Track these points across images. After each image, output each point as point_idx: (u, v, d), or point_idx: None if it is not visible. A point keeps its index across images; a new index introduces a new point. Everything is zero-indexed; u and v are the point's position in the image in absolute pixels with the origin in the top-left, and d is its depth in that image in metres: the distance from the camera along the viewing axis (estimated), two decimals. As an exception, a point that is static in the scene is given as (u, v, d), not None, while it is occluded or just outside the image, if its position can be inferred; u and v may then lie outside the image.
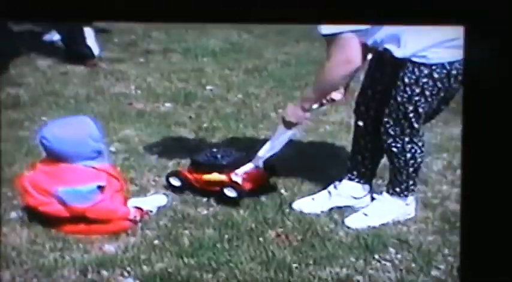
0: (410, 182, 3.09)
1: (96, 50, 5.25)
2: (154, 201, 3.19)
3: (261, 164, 3.29)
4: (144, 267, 2.74)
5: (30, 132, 3.82)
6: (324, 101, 3.12)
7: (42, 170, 2.98)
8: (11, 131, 3.91)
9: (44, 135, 2.96)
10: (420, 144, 3.04)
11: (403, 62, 2.89)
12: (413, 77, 2.90)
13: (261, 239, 2.97)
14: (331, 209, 3.19)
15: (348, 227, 3.06)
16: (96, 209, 2.91)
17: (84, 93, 4.62)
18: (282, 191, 3.35)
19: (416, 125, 2.98)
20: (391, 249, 2.92)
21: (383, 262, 2.84)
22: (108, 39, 5.76)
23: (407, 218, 3.12)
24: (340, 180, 3.24)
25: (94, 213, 2.91)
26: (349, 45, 2.81)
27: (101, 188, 2.95)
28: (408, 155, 3.03)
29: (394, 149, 3.01)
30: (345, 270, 2.77)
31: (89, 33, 5.21)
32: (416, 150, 3.03)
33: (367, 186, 3.23)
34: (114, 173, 3.06)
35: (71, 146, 2.93)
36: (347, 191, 3.21)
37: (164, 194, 3.27)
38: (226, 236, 2.98)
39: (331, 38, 2.83)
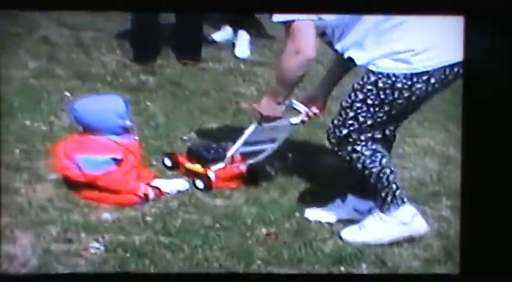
0: (383, 194, 2.95)
1: (245, 54, 5.38)
2: (175, 184, 3.39)
3: (228, 161, 3.47)
4: (121, 237, 2.95)
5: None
6: (304, 117, 3.21)
7: (74, 139, 3.32)
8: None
9: (74, 107, 3.30)
10: (367, 153, 2.91)
11: (359, 70, 2.88)
12: (361, 82, 2.87)
13: (248, 233, 3.07)
14: (340, 220, 3.19)
15: (341, 239, 3.03)
16: (107, 178, 3.18)
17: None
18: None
19: (354, 135, 2.90)
20: (364, 265, 2.88)
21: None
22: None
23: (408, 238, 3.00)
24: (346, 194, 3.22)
25: (104, 182, 3.18)
26: (300, 34, 2.78)
27: (116, 161, 3.21)
28: (359, 166, 2.93)
29: (342, 154, 2.96)
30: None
31: (243, 36, 5.43)
32: (364, 160, 2.92)
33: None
34: (133, 149, 3.29)
35: (96, 119, 3.24)
36: (352, 204, 3.19)
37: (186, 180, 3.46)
38: (218, 225, 3.11)
39: (286, 26, 2.82)
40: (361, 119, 2.88)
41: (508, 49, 2.18)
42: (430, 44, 2.78)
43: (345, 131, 2.91)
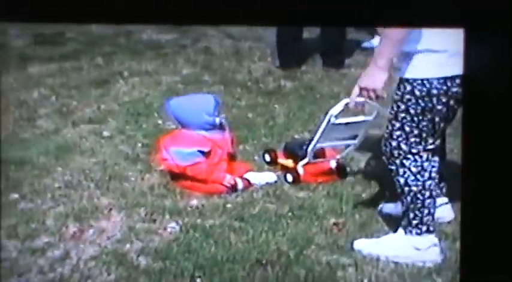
0: (411, 215, 2.94)
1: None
2: (264, 176, 3.70)
3: (311, 157, 3.64)
4: (198, 220, 3.32)
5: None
6: (369, 95, 2.95)
7: (172, 133, 3.76)
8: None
9: (169, 103, 3.74)
10: (414, 170, 2.91)
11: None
12: (399, 93, 2.88)
13: (316, 223, 3.31)
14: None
15: (353, 249, 3.07)
16: (194, 169, 3.57)
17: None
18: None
19: (404, 147, 2.90)
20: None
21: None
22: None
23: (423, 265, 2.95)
24: None
25: (192, 172, 3.57)
26: None
27: (204, 153, 3.59)
28: (401, 180, 2.93)
29: (391, 168, 2.96)
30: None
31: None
32: (408, 176, 2.91)
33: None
34: (222, 144, 3.65)
35: (186, 116, 3.66)
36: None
37: (275, 173, 3.75)
38: (290, 214, 3.38)
39: None
40: (408, 129, 2.89)
41: (508, 61, 2.22)
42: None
43: (394, 143, 2.92)
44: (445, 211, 3.24)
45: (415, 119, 2.87)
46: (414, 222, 2.97)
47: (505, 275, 2.20)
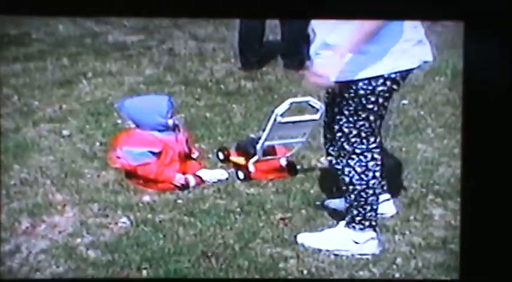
0: (354, 212, 3.06)
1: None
2: (215, 173, 3.81)
3: (260, 155, 3.77)
4: (149, 216, 3.42)
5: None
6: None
7: (128, 132, 3.86)
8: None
9: (123, 103, 3.84)
10: (359, 170, 3.01)
11: None
12: (329, 96, 3.02)
13: (263, 217, 3.42)
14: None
15: (296, 243, 3.18)
16: (143, 169, 3.66)
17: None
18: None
19: (347, 147, 3.00)
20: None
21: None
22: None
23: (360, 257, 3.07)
24: None
25: (142, 172, 3.67)
26: None
27: (155, 153, 3.69)
28: (346, 179, 3.04)
29: (337, 167, 3.09)
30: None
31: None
32: (353, 175, 3.03)
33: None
34: (173, 145, 3.74)
35: (139, 116, 3.75)
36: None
37: (225, 169, 3.86)
38: (239, 209, 3.49)
39: None
40: (346, 130, 2.98)
41: (507, 55, 2.26)
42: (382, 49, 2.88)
43: (337, 144, 3.03)
44: (387, 207, 3.37)
45: (351, 119, 2.98)
46: (357, 218, 3.09)
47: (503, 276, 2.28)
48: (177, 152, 3.78)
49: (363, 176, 3.03)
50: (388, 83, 2.93)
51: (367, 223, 3.10)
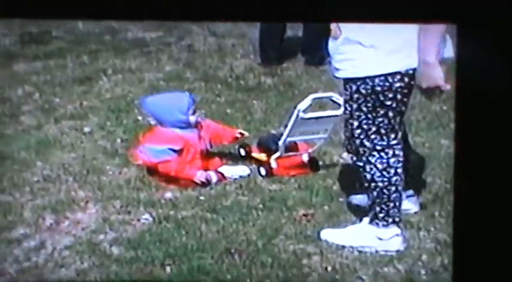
0: (377, 209, 3.04)
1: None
2: (237, 170, 3.80)
3: (282, 151, 3.75)
4: (171, 212, 3.42)
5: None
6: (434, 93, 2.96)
7: (151, 129, 3.86)
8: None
9: (145, 100, 3.84)
10: (380, 166, 2.99)
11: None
12: (347, 93, 2.97)
13: (286, 214, 3.41)
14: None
15: (319, 239, 3.17)
16: (164, 166, 3.66)
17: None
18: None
19: (367, 144, 2.98)
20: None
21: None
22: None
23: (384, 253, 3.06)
24: None
25: (162, 169, 3.66)
26: None
27: (176, 151, 3.68)
28: (368, 176, 3.02)
29: (359, 164, 3.06)
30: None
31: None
32: (375, 172, 3.00)
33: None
34: (195, 142, 3.74)
35: (160, 113, 3.75)
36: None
37: (247, 166, 3.85)
38: (261, 206, 3.48)
39: None
40: (365, 127, 2.97)
41: (501, 57, 2.24)
42: (402, 44, 2.85)
43: (357, 141, 3.00)
44: (411, 203, 3.34)
45: (369, 115, 2.95)
46: (380, 215, 3.06)
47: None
48: (199, 149, 3.77)
49: (384, 172, 3.01)
50: (406, 79, 2.90)
51: (390, 220, 3.07)
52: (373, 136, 2.98)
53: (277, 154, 3.78)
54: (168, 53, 5.89)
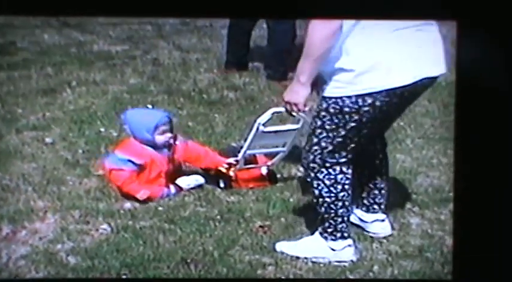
0: (326, 224, 3.10)
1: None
2: (190, 179, 3.83)
3: (242, 163, 3.82)
4: (129, 222, 3.46)
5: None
6: (292, 109, 3.03)
7: (125, 140, 3.91)
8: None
9: (125, 114, 3.89)
10: (328, 182, 3.05)
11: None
12: (317, 109, 3.01)
13: (243, 225, 3.46)
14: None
15: (275, 250, 3.22)
16: (114, 174, 3.71)
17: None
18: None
19: (318, 160, 3.03)
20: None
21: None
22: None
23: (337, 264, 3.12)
24: None
25: (113, 177, 3.71)
26: None
27: (135, 164, 3.71)
28: (316, 192, 3.08)
29: (308, 179, 3.13)
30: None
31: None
32: (322, 188, 3.06)
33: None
34: (161, 163, 3.77)
35: (131, 127, 3.79)
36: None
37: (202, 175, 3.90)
38: (219, 217, 3.53)
39: None
40: (323, 144, 3.01)
41: (501, 54, 2.25)
42: (373, 65, 2.87)
43: (311, 157, 3.04)
44: (382, 227, 3.35)
45: (330, 134, 2.99)
46: (329, 230, 3.13)
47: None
48: (165, 170, 3.78)
49: (331, 188, 3.06)
50: (377, 102, 2.91)
51: (338, 234, 3.13)
52: (326, 154, 3.03)
53: (237, 166, 3.84)
54: (133, 66, 5.93)
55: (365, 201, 3.37)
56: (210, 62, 6.02)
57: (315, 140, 3.03)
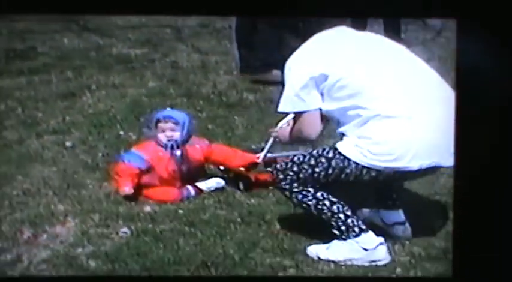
0: (334, 225, 3.13)
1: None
2: (211, 182, 3.83)
3: (261, 166, 3.85)
4: (149, 225, 3.45)
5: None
6: None
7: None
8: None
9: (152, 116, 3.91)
10: (295, 190, 3.15)
11: None
12: (320, 151, 3.14)
13: (264, 227, 3.44)
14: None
15: (307, 255, 3.20)
16: (121, 168, 3.73)
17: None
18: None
19: (285, 185, 3.17)
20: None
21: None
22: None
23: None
24: None
25: (119, 170, 3.72)
26: (306, 122, 3.16)
27: (141, 159, 3.73)
28: (295, 200, 3.20)
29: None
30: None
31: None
32: (296, 195, 3.17)
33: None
34: (163, 162, 3.75)
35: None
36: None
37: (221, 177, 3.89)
38: (239, 220, 3.51)
39: (296, 116, 3.22)
40: (301, 176, 3.12)
41: (501, 52, 2.23)
42: (393, 143, 2.98)
43: (281, 176, 3.17)
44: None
45: (315, 175, 3.10)
46: (342, 228, 3.11)
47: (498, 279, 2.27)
48: (177, 170, 3.77)
49: (304, 193, 3.14)
50: (381, 178, 3.07)
51: (356, 229, 3.11)
52: (297, 182, 3.14)
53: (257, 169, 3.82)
54: (152, 69, 5.93)
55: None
56: (229, 64, 5.99)
57: (295, 168, 3.13)
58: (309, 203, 3.13)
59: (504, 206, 2.33)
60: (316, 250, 3.20)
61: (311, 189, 3.12)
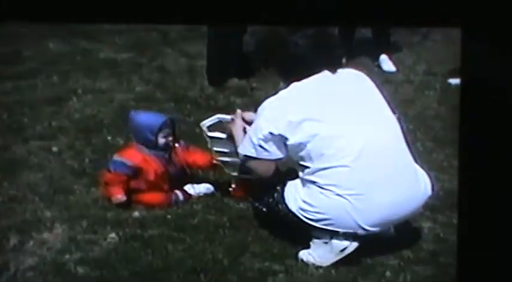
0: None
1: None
2: (200, 187, 3.81)
3: None
4: (138, 231, 3.42)
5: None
6: None
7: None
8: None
9: (129, 115, 3.84)
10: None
11: None
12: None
13: (252, 232, 3.42)
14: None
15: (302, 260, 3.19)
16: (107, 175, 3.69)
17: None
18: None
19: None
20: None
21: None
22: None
23: None
24: None
25: (106, 177, 3.69)
26: (260, 169, 3.21)
27: (126, 166, 3.68)
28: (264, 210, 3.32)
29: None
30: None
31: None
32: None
33: None
34: (156, 165, 3.72)
35: (135, 129, 3.76)
36: None
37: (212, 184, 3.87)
38: (228, 224, 3.49)
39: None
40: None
41: (505, 61, 2.22)
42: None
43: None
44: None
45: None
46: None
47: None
48: (165, 173, 3.74)
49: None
50: None
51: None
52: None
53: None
54: (139, 73, 5.90)
55: None
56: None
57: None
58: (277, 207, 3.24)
59: (507, 209, 2.31)
60: (304, 254, 3.19)
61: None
